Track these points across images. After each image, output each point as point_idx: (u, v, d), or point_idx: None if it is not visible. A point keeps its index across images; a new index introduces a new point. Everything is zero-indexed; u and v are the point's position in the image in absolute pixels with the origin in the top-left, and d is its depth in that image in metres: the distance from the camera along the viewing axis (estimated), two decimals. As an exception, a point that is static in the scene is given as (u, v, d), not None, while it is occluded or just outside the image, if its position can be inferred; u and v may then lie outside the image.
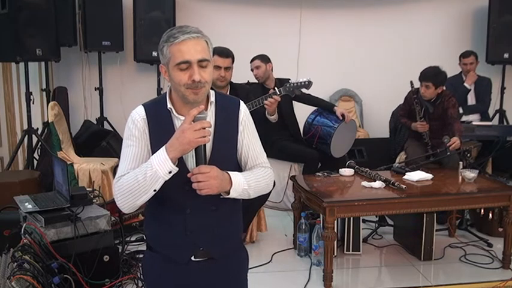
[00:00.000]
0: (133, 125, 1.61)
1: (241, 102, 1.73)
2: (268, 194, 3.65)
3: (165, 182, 1.54)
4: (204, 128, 1.50)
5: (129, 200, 1.55)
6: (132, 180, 1.53)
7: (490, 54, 5.55)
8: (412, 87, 4.30)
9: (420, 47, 5.66)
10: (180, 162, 1.55)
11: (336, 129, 4.07)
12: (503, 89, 5.74)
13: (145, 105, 1.65)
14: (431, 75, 4.13)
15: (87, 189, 3.37)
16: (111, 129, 5.27)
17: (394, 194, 3.14)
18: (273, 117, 3.86)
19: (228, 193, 1.59)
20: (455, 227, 3.86)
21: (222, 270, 1.70)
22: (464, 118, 5.08)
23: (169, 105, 1.62)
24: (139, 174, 1.52)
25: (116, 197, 1.58)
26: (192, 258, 1.66)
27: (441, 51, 4.41)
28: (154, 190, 1.53)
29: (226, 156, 1.65)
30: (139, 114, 1.62)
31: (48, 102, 4.76)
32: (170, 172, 1.51)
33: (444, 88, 4.28)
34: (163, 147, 1.52)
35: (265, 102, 3.69)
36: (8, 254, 2.64)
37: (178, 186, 1.58)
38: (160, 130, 1.59)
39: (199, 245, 1.66)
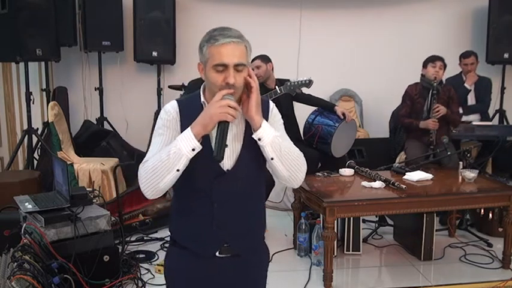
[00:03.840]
0: (166, 115, 1.65)
1: (271, 102, 1.76)
2: (268, 194, 3.66)
3: (193, 174, 1.58)
4: (230, 107, 1.52)
5: (152, 181, 1.57)
6: (156, 160, 1.57)
7: (490, 54, 5.54)
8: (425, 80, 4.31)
9: (420, 47, 5.61)
10: (207, 155, 1.56)
11: (337, 129, 4.06)
12: (503, 89, 5.74)
13: (178, 100, 1.70)
14: (440, 56, 4.28)
15: (87, 189, 3.38)
16: (111, 129, 5.27)
17: (394, 194, 3.14)
18: None
19: (261, 140, 1.59)
20: (455, 227, 3.86)
21: (245, 265, 1.74)
22: (464, 118, 5.06)
23: (202, 99, 1.66)
24: (163, 154, 1.56)
25: (140, 179, 1.61)
26: (217, 254, 1.69)
27: (441, 51, 4.40)
28: (178, 170, 1.55)
29: (255, 155, 1.66)
30: (172, 106, 1.67)
31: (48, 102, 4.76)
32: (193, 150, 1.54)
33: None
34: (189, 126, 1.55)
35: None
36: (8, 254, 2.64)
37: (206, 179, 1.62)
38: (192, 122, 1.60)
39: (224, 240, 1.68)
